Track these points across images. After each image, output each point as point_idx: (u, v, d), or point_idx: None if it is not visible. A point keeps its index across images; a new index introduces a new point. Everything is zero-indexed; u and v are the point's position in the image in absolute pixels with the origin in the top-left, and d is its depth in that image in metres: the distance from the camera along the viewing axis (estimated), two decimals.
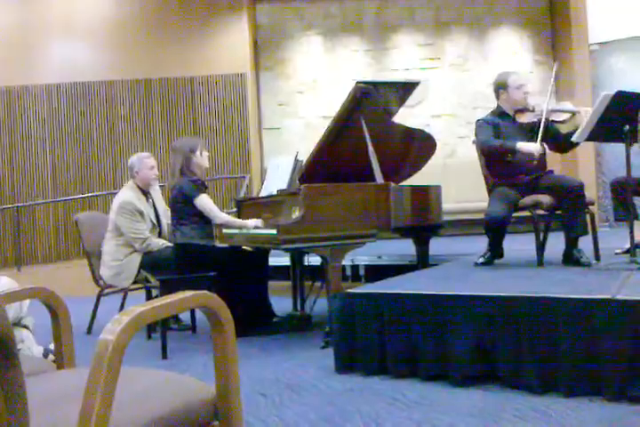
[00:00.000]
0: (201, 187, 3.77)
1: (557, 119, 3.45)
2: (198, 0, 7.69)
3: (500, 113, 3.64)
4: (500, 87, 3.62)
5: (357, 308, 2.73)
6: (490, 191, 3.65)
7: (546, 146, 3.54)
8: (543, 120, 3.38)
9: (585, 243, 3.41)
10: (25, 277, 6.25)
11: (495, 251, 3.67)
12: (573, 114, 3.45)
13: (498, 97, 3.66)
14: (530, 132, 3.46)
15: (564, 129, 3.55)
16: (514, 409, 2.13)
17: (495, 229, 3.54)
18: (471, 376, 2.43)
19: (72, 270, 6.50)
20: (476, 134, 3.64)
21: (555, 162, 3.73)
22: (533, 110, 3.54)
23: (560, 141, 3.54)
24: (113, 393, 0.95)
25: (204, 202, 3.72)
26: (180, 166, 3.83)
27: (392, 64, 7.95)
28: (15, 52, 7.67)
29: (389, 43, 7.98)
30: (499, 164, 3.55)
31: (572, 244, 3.36)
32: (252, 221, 3.66)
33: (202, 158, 3.91)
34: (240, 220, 3.83)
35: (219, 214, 3.74)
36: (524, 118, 3.54)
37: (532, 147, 3.30)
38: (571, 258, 3.37)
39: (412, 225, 3.60)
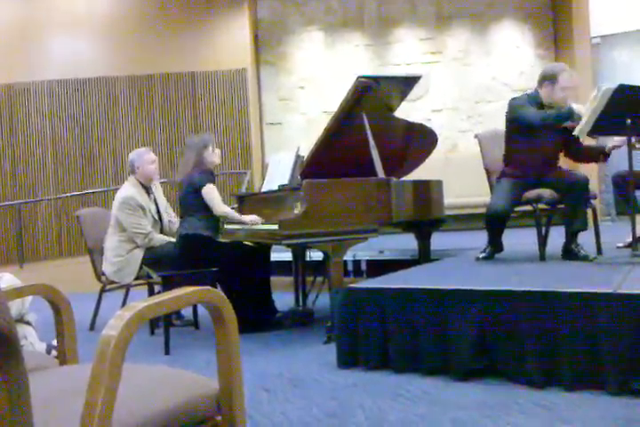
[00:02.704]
0: (209, 177, 3.83)
1: None
2: None
3: (536, 103, 3.42)
4: (547, 80, 3.38)
5: (359, 303, 2.73)
6: (496, 181, 3.61)
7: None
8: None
9: (587, 237, 3.40)
10: (27, 274, 6.27)
11: (495, 245, 3.67)
12: None
13: (540, 86, 3.43)
14: (557, 133, 3.36)
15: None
16: (516, 403, 2.14)
17: (496, 223, 3.54)
18: (473, 371, 2.43)
19: (74, 267, 6.50)
20: (516, 110, 3.38)
21: None
22: None
23: (584, 153, 3.51)
24: (116, 389, 0.96)
25: (210, 191, 3.77)
26: (193, 161, 3.88)
27: (393, 59, 7.93)
28: (16, 48, 7.65)
29: (391, 37, 7.95)
30: (520, 151, 3.47)
31: (571, 238, 3.36)
32: (249, 217, 3.69)
33: (213, 155, 3.95)
34: (239, 215, 3.85)
35: (220, 206, 3.77)
36: None
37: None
38: (570, 252, 3.36)
39: (414, 220, 3.60)
